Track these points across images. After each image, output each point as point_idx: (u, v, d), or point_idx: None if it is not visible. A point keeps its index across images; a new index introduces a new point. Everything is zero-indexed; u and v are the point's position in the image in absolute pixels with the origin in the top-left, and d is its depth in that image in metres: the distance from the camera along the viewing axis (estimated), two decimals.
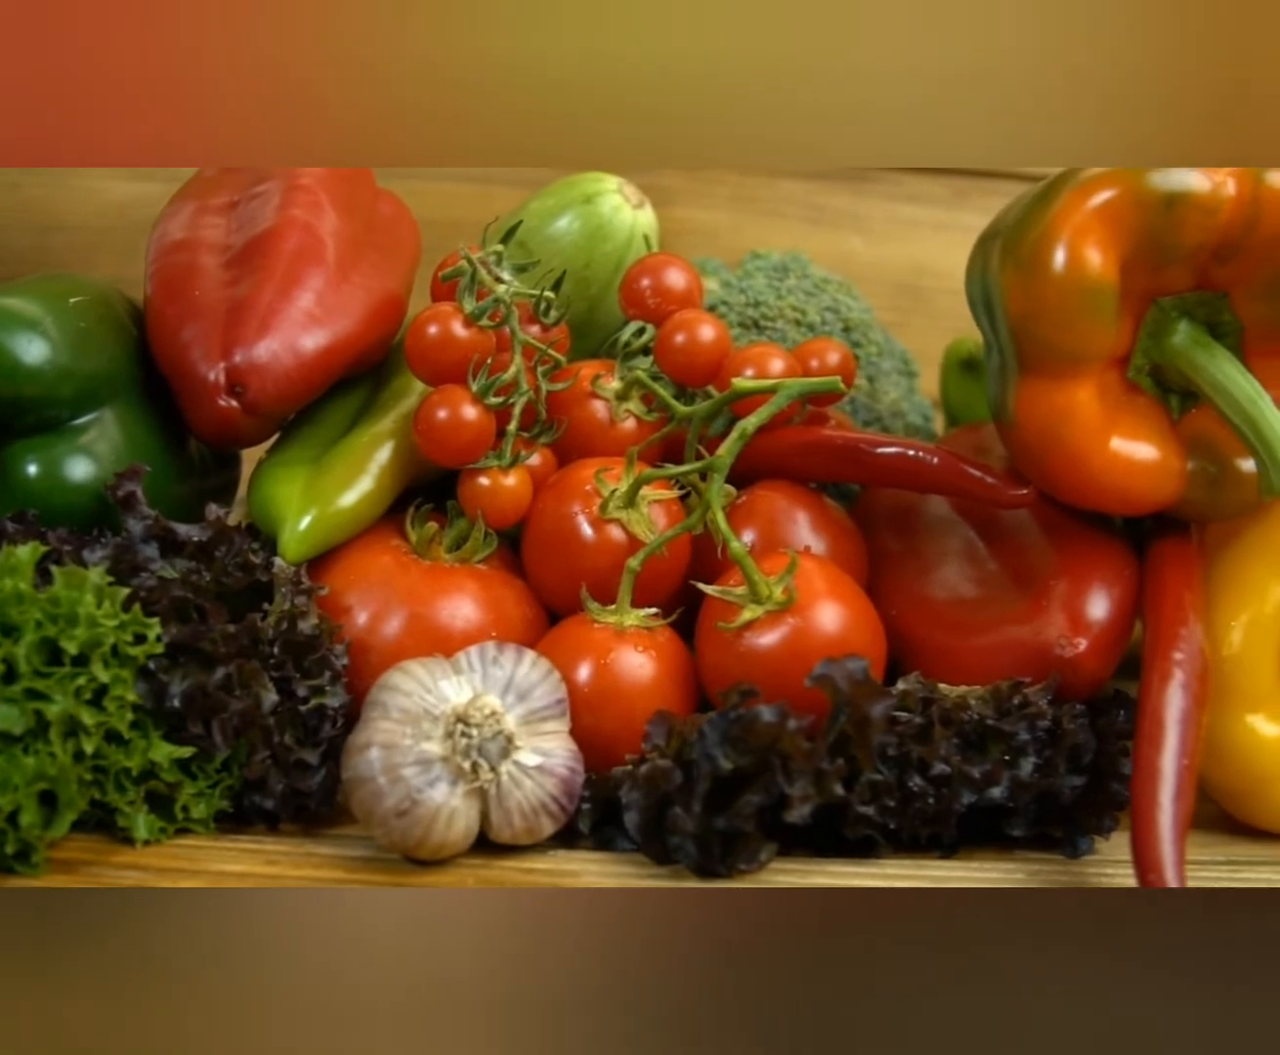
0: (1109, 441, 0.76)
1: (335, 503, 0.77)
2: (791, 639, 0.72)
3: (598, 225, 0.93)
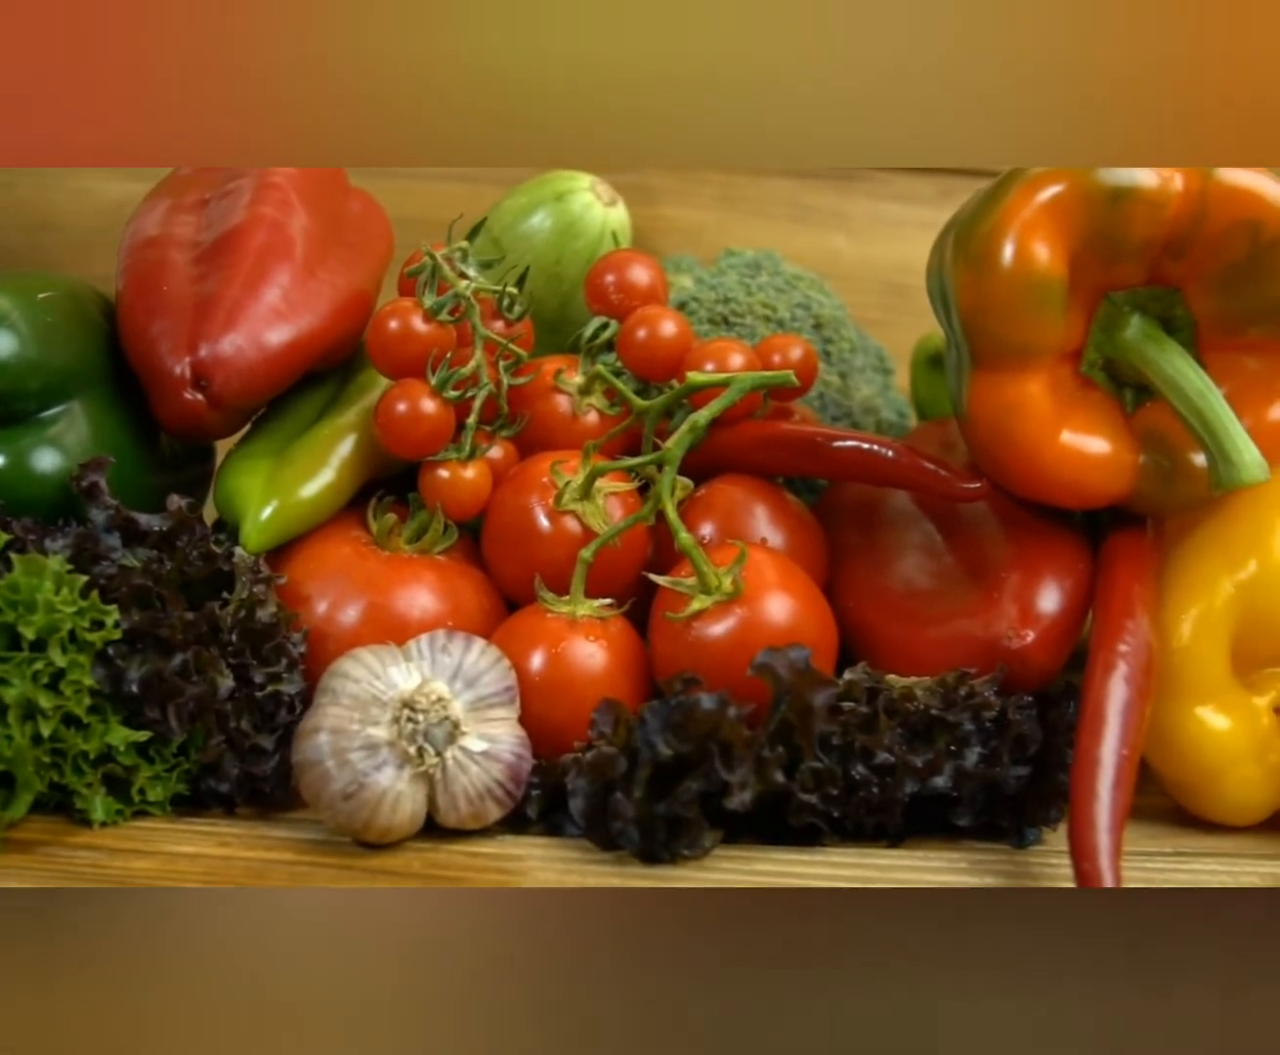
0: (1059, 435, 0.77)
1: (296, 494, 0.78)
2: (739, 629, 0.73)
3: (569, 222, 0.95)
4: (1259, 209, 0.74)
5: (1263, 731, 0.76)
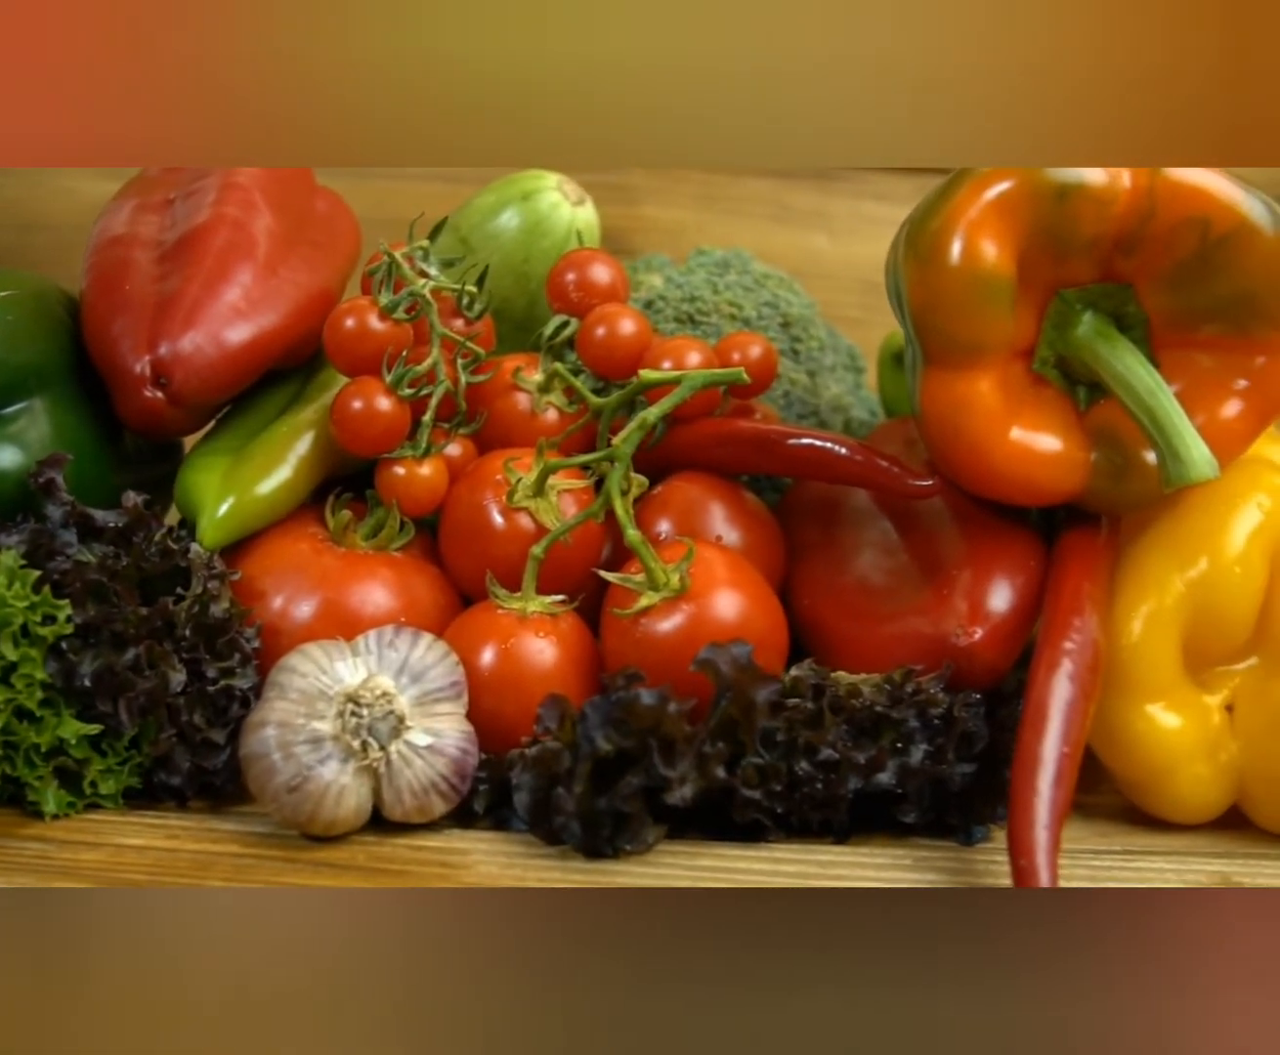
0: (1009, 432, 0.77)
1: (253, 491, 0.79)
2: (687, 625, 0.74)
3: (536, 221, 0.95)
4: (1207, 206, 0.74)
5: (1213, 730, 0.76)
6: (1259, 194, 0.75)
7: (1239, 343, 0.76)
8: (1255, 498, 0.77)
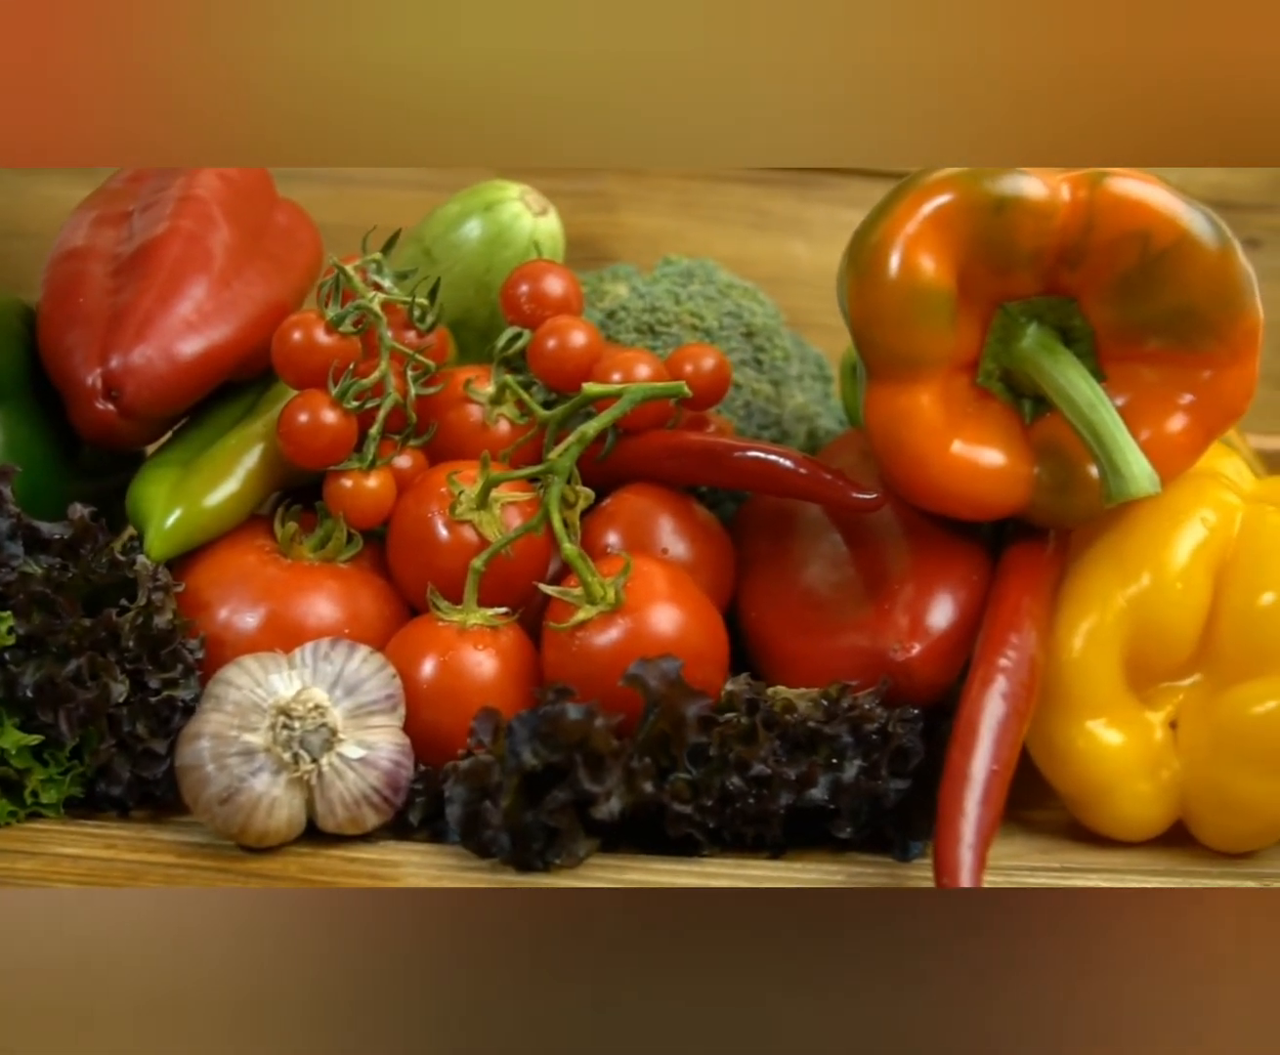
0: (950, 445, 0.76)
1: (201, 503, 0.80)
2: (622, 640, 0.74)
3: (498, 232, 0.96)
4: (1147, 219, 0.73)
5: (1155, 747, 0.76)
6: (1201, 207, 0.75)
7: (1184, 357, 0.76)
8: (1200, 513, 0.77)
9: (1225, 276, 0.74)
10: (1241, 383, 0.77)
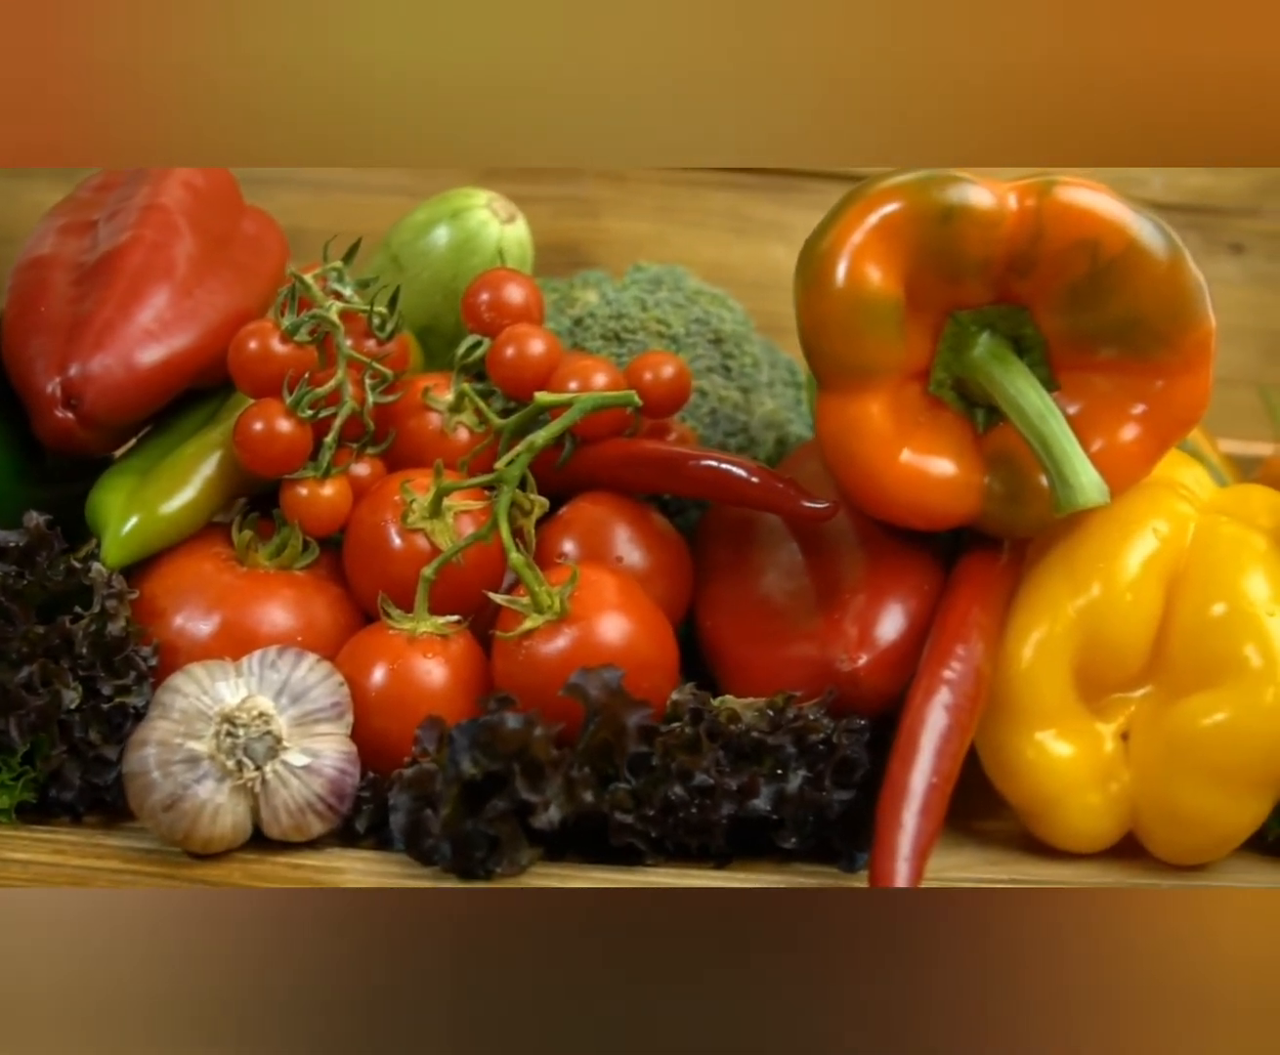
0: (899, 455, 0.76)
1: (157, 510, 0.80)
2: (569, 649, 0.74)
3: (464, 239, 0.96)
4: (1096, 227, 0.73)
5: (1105, 758, 0.75)
6: (1150, 216, 0.74)
7: (1137, 366, 0.76)
8: (1152, 523, 0.76)
9: (1175, 286, 0.74)
10: (1194, 392, 0.76)
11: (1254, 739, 0.72)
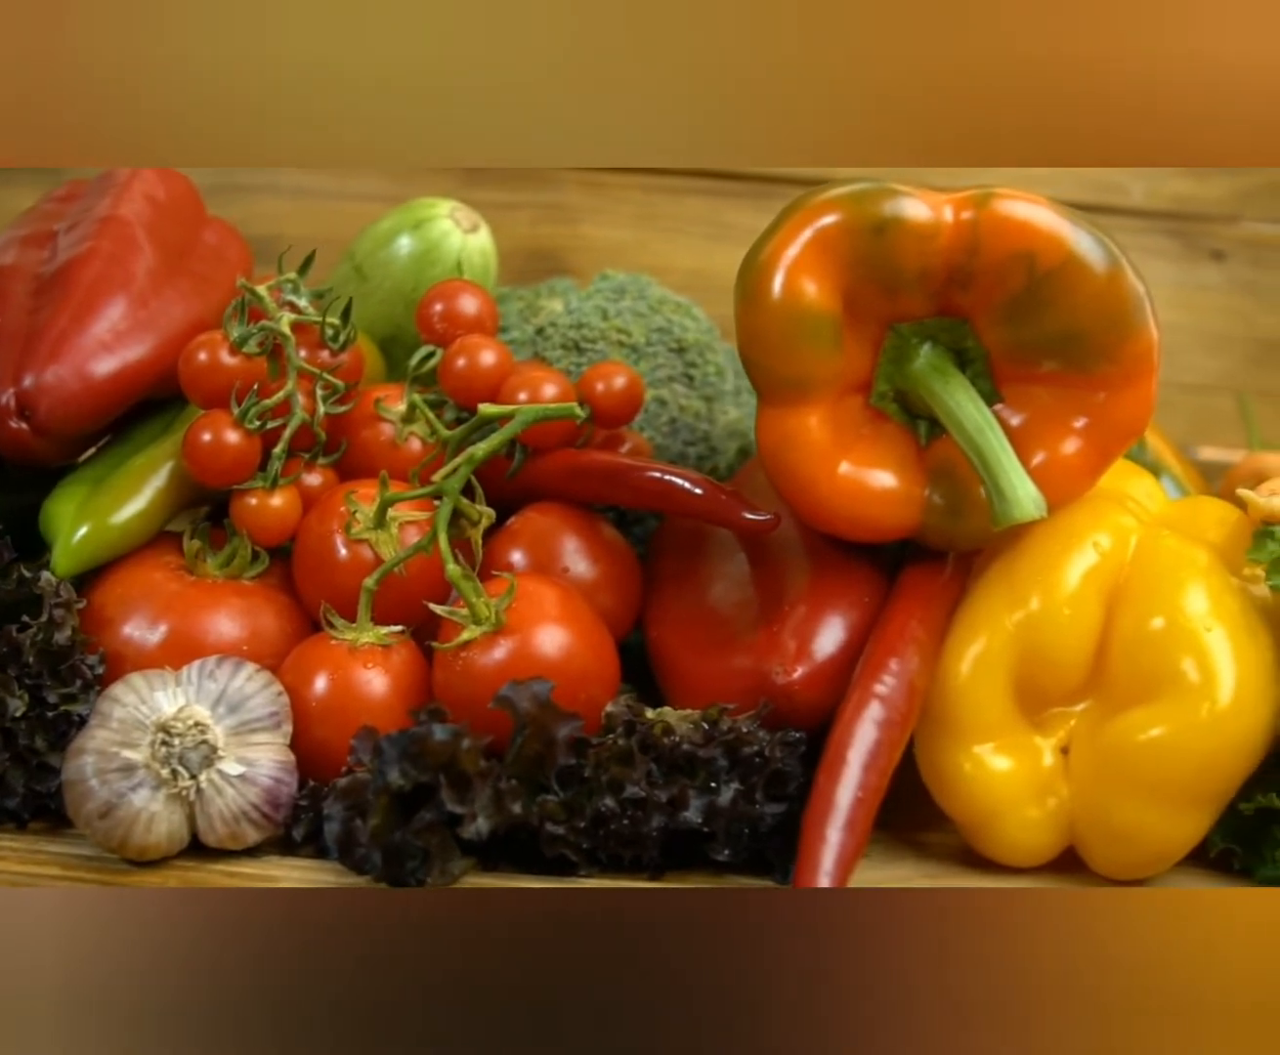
0: (837, 467, 0.76)
1: (108, 519, 0.81)
2: (505, 660, 0.74)
3: (426, 249, 0.97)
4: (1032, 240, 0.73)
5: (1044, 773, 0.75)
6: (1090, 228, 0.74)
7: (1078, 378, 0.75)
8: (1093, 537, 0.76)
9: (1114, 298, 0.73)
10: (1137, 405, 0.76)
11: (1190, 755, 0.72)
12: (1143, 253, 1.20)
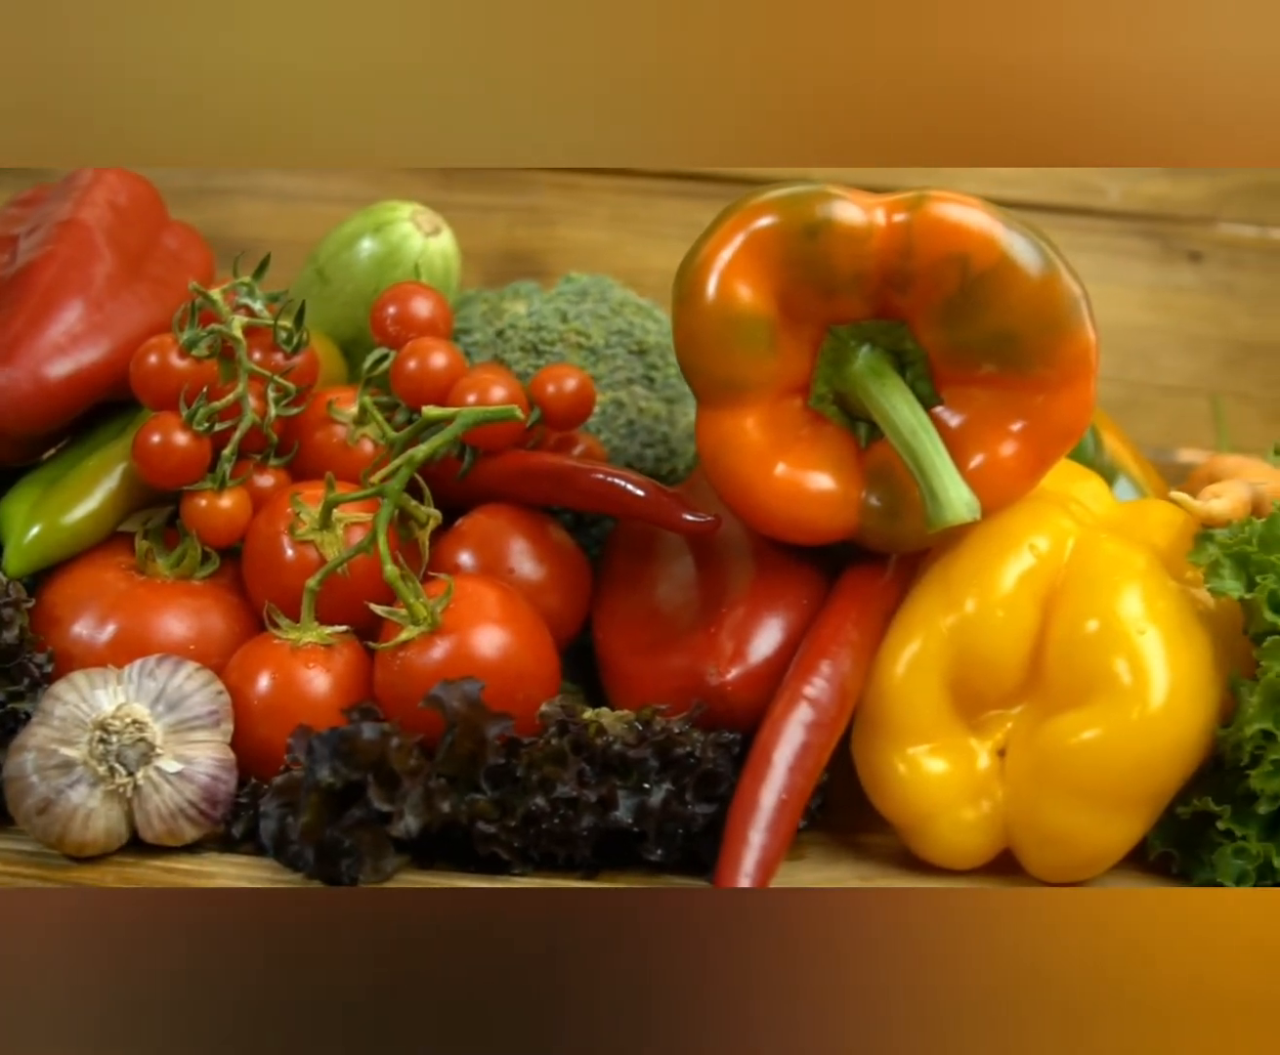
0: (774, 469, 0.76)
1: (59, 520, 0.82)
2: (442, 660, 0.75)
3: (387, 253, 0.98)
4: (965, 242, 0.73)
5: (979, 775, 0.75)
6: (1025, 230, 0.74)
7: (1016, 381, 0.75)
8: (1030, 539, 0.76)
9: (1048, 300, 0.73)
10: (1075, 407, 0.76)
11: (1121, 757, 0.72)
12: (1120, 254, 1.20)
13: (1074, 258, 0.74)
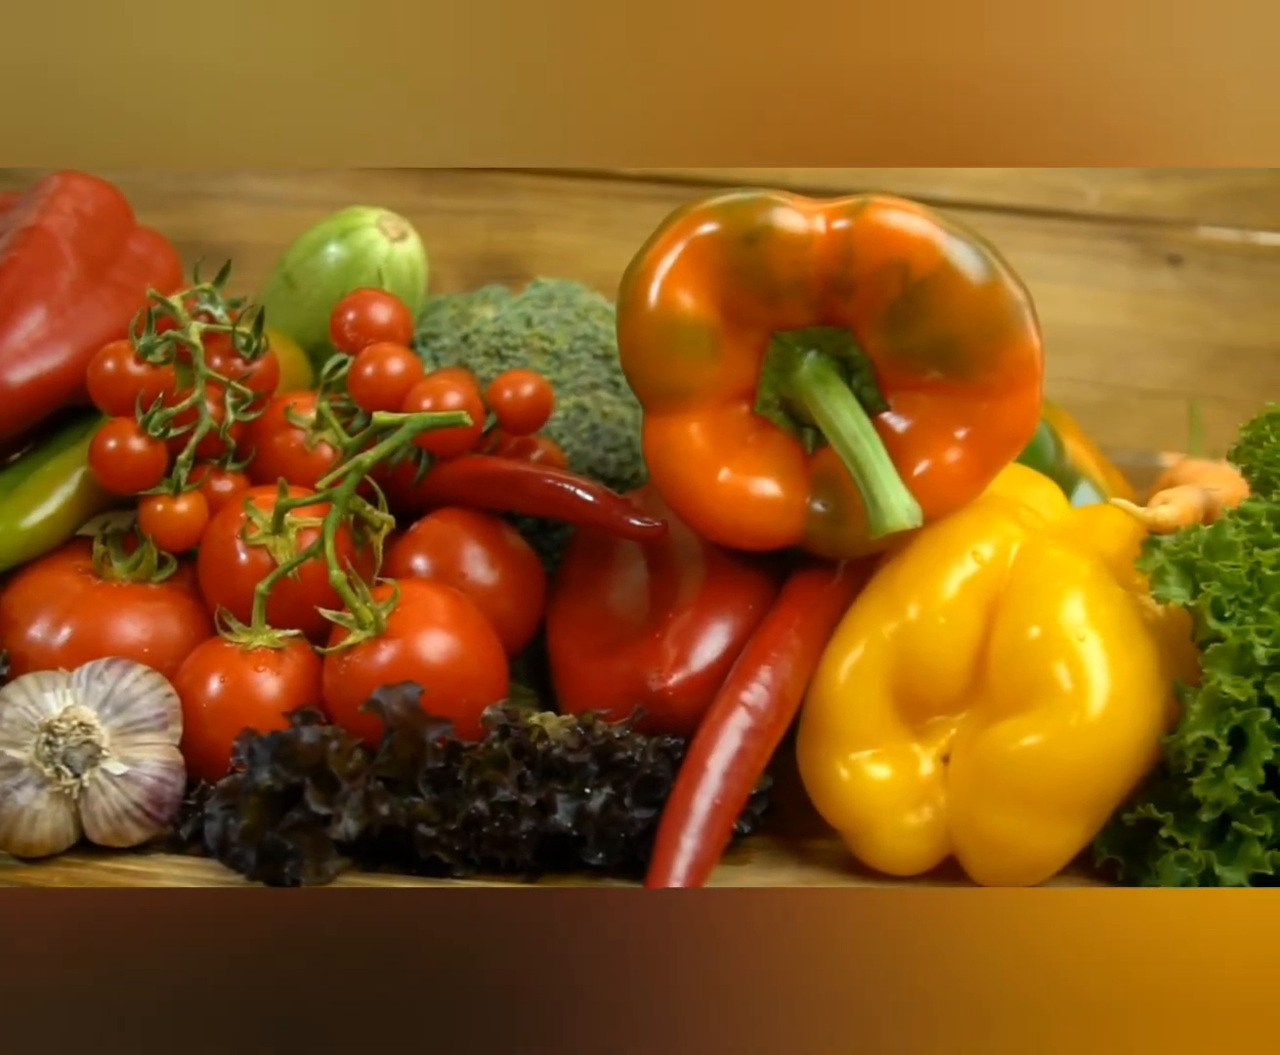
0: (718, 474, 0.76)
1: (18, 523, 0.83)
2: (388, 664, 0.75)
3: (353, 258, 0.98)
4: (905, 248, 0.73)
5: (921, 782, 0.75)
6: (967, 237, 0.74)
7: (961, 387, 0.75)
8: (973, 546, 0.76)
9: (990, 306, 0.73)
10: (1019, 413, 0.75)
11: (1061, 764, 0.71)
12: (1099, 257, 1.20)
13: (1053, 261, 0.74)
